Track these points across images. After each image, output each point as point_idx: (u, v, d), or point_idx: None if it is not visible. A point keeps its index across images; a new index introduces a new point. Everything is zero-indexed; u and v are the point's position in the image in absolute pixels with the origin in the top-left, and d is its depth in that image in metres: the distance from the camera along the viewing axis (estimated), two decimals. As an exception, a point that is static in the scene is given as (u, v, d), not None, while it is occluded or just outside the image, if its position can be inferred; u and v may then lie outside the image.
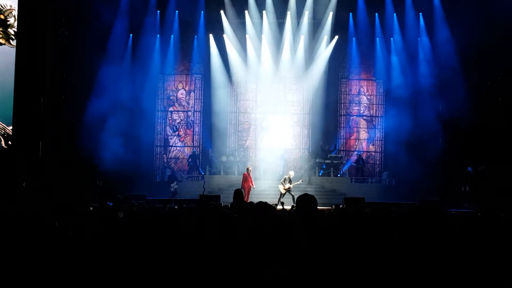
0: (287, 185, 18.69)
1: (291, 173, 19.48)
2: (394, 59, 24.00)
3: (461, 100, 20.41)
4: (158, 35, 23.98)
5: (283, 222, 4.05)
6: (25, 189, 15.43)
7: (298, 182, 19.14)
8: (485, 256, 3.80)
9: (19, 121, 18.10)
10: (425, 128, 22.21)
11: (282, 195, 18.57)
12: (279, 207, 12.06)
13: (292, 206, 12.67)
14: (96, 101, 21.09)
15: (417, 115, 22.97)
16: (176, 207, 10.54)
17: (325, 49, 24.04)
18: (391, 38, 24.11)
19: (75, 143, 20.04)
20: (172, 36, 24.12)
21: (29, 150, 18.16)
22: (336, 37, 23.91)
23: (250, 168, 19.41)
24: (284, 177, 19.24)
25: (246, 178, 18.89)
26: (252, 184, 18.86)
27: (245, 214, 6.03)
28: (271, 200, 16.39)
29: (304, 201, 4.42)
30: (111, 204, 13.86)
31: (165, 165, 24.67)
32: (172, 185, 21.06)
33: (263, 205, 5.11)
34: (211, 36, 23.99)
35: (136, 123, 22.93)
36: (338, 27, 23.88)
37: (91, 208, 12.96)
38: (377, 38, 24.26)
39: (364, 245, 3.90)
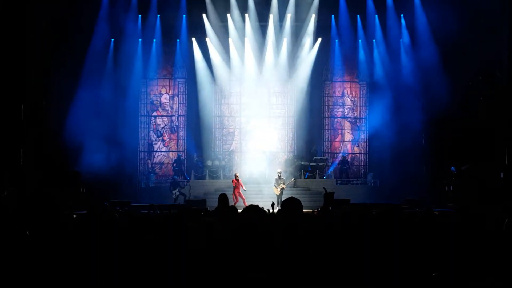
0: (281, 186, 18.79)
1: (279, 171, 19.59)
2: (377, 60, 24.13)
3: (443, 100, 20.60)
4: (140, 40, 23.81)
5: (262, 227, 4.02)
6: (6, 197, 15.18)
7: (291, 181, 19.32)
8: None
9: (0, 129, 17.85)
10: (409, 129, 22.37)
11: (278, 196, 18.59)
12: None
13: (272, 204, 12.58)
14: (78, 107, 20.89)
15: (401, 116, 23.13)
16: (158, 212, 10.43)
17: (308, 51, 24.09)
18: (373, 40, 24.23)
19: (57, 150, 19.81)
20: (154, 40, 23.98)
21: (10, 158, 17.92)
22: (319, 39, 23.97)
23: (237, 174, 19.36)
24: (275, 178, 19.34)
25: (235, 184, 18.82)
26: (242, 187, 18.81)
27: (226, 219, 5.98)
28: (263, 203, 16.31)
29: (290, 205, 4.38)
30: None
31: (150, 170, 24.47)
32: (174, 191, 20.81)
33: (252, 208, 5.03)
34: (193, 40, 23.90)
35: (119, 128, 22.73)
36: (321, 29, 23.95)
37: (74, 216, 12.80)
38: (360, 40, 24.38)
39: (345, 247, 3.88)
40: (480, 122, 19.03)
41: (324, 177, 23.00)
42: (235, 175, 19.25)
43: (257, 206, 5.15)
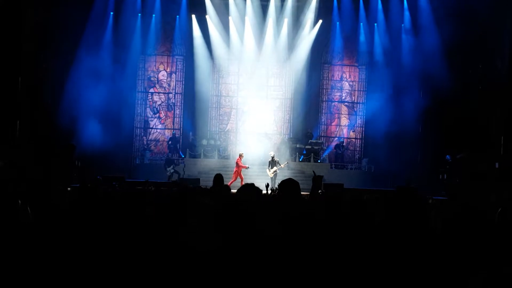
0: (274, 168, 18.81)
1: (272, 153, 19.57)
2: (377, 45, 23.99)
3: (442, 88, 20.55)
4: (140, 14, 23.56)
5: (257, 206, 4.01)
6: (1, 170, 15.14)
7: (284, 165, 19.28)
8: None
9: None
10: (406, 116, 22.35)
11: (271, 179, 18.62)
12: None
13: (266, 185, 12.60)
14: (75, 81, 20.76)
15: (398, 103, 23.09)
16: (152, 189, 10.42)
17: (309, 33, 23.91)
18: (375, 23, 24.06)
19: (53, 124, 19.73)
20: (153, 15, 23.72)
21: (6, 132, 17.85)
22: (320, 21, 23.78)
23: (242, 154, 19.31)
24: (268, 160, 19.33)
25: (238, 164, 18.84)
26: (243, 167, 18.89)
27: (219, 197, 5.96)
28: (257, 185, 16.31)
29: (288, 186, 4.35)
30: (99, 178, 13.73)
31: (145, 147, 24.42)
32: (168, 168, 20.80)
33: (248, 186, 4.99)
34: (193, 17, 23.67)
35: (115, 104, 22.59)
36: (322, 11, 23.76)
37: (69, 188, 12.79)
38: (361, 23, 24.19)
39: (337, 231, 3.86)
40: (478, 111, 19.01)
41: (319, 161, 23.02)
42: (240, 155, 19.20)
43: (253, 184, 5.11)
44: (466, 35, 19.39)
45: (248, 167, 19.32)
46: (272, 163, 19.15)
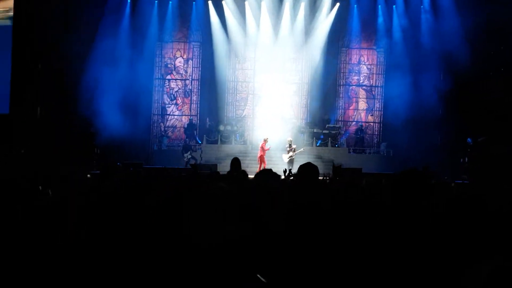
0: (290, 154, 18.84)
1: (289, 139, 19.60)
2: (396, 27, 23.64)
3: (463, 71, 20.21)
4: (156, 1, 23.54)
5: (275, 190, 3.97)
6: (24, 156, 15.38)
7: (301, 150, 19.31)
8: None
9: (17, 87, 17.94)
10: (425, 99, 22.03)
11: (288, 164, 18.69)
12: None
13: (284, 171, 12.65)
14: (93, 68, 20.86)
15: (418, 85, 22.75)
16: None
17: (326, 17, 23.64)
18: (393, 6, 23.69)
19: (73, 110, 19.91)
20: (170, 2, 23.67)
21: (27, 116, 18.07)
22: (338, 4, 23.49)
23: (267, 138, 19.45)
24: (285, 146, 19.38)
25: (262, 148, 19.01)
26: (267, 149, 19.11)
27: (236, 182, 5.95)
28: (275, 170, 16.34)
29: (306, 171, 4.31)
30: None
31: (162, 133, 24.52)
32: (185, 154, 20.91)
33: (266, 172, 4.96)
34: (210, 3, 23.56)
35: (133, 91, 22.71)
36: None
37: (88, 175, 12.91)
38: (379, 6, 23.84)
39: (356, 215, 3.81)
40: (500, 94, 18.68)
41: (336, 145, 22.88)
42: (265, 139, 19.33)
43: (271, 170, 5.09)
44: (487, 17, 19.00)
45: (270, 148, 19.36)
46: (289, 148, 19.17)
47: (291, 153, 18.99)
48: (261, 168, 17.76)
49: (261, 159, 18.84)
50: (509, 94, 18.18)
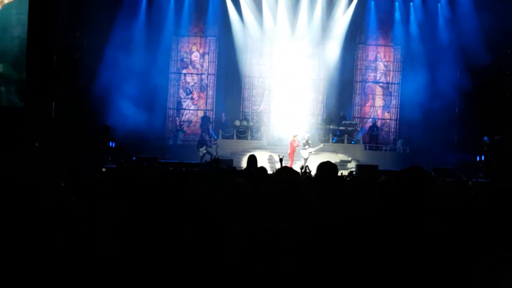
0: (309, 150, 18.92)
1: (306, 136, 19.64)
2: (413, 24, 23.45)
3: (480, 68, 19.99)
4: (173, -5, 23.60)
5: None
6: (38, 149, 15.47)
7: (320, 146, 19.37)
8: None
9: (32, 81, 18.05)
10: (442, 96, 21.88)
11: (305, 160, 18.73)
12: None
13: (301, 168, 12.62)
14: (109, 62, 20.94)
15: (435, 83, 22.60)
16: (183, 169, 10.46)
17: (343, 13, 23.53)
18: (411, 3, 23.52)
19: (88, 104, 20.00)
20: (186, -4, 23.71)
21: (42, 111, 18.18)
22: (355, 1, 23.35)
23: (296, 135, 19.75)
24: (302, 142, 19.41)
25: (292, 145, 19.24)
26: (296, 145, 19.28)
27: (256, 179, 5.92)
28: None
29: (326, 169, 4.27)
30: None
31: (178, 128, 24.56)
32: (201, 149, 20.93)
33: (285, 169, 4.95)
34: (227, -4, 23.56)
35: (149, 85, 22.80)
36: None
37: (103, 169, 13.00)
38: (396, 3, 23.67)
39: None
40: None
41: (352, 142, 22.78)
42: (294, 136, 19.59)
43: (291, 168, 5.08)
44: (505, 14, 18.75)
45: (299, 144, 19.57)
46: (306, 144, 19.22)
47: (310, 149, 19.06)
48: (291, 164, 17.94)
49: (291, 155, 19.02)
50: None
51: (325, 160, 4.93)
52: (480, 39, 20.26)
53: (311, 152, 19.10)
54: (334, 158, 20.81)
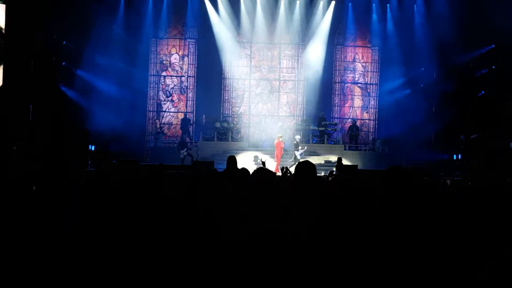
0: (300, 151, 19.18)
1: (297, 137, 19.90)
2: (390, 25, 23.75)
3: (456, 68, 20.35)
4: (151, -2, 23.52)
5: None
6: (16, 153, 15.28)
7: (304, 149, 19.62)
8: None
9: (9, 83, 17.81)
10: (420, 96, 22.21)
11: (298, 161, 18.87)
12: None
13: (282, 168, 12.76)
14: (88, 64, 20.79)
15: (412, 83, 22.96)
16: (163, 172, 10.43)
17: (321, 15, 23.74)
18: (387, 4, 23.82)
19: (67, 107, 19.81)
20: (165, -1, 23.67)
21: (19, 114, 17.95)
22: (333, 2, 23.55)
23: (281, 136, 19.86)
24: (293, 143, 19.65)
25: (279, 146, 19.36)
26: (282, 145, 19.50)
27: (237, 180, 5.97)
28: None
29: (305, 169, 4.32)
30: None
31: (158, 130, 24.48)
32: (182, 151, 20.85)
33: (261, 170, 5.00)
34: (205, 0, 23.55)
35: (128, 87, 22.70)
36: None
37: (83, 174, 12.89)
38: (373, 4, 23.95)
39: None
40: (491, 90, 18.78)
41: (332, 142, 22.95)
42: (279, 137, 19.67)
43: (267, 169, 5.13)
44: (481, 13, 19.07)
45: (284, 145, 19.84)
46: (299, 145, 19.54)
47: (301, 150, 19.39)
48: (279, 165, 18.06)
49: (278, 156, 19.13)
50: (501, 92, 18.24)
51: (318, 161, 5.01)
52: (456, 39, 20.58)
53: (302, 154, 19.35)
54: (324, 159, 21.09)
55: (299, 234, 3.45)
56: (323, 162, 20.59)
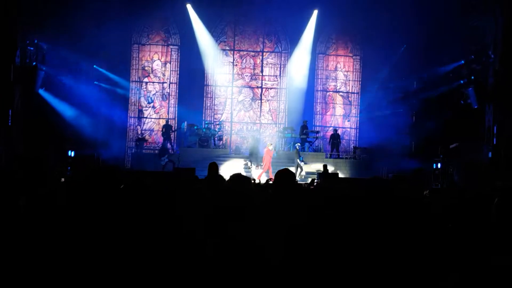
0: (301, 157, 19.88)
1: (298, 145, 20.47)
2: (372, 34, 23.90)
3: (436, 78, 20.63)
4: (134, 4, 23.37)
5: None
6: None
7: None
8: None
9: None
10: (400, 105, 22.45)
11: (301, 169, 19.76)
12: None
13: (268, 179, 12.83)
14: (68, 69, 20.62)
15: (393, 92, 23.21)
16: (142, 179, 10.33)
17: (304, 23, 23.91)
18: (370, 14, 23.91)
19: (46, 113, 19.61)
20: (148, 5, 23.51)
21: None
22: (316, 11, 23.72)
23: (270, 143, 20.10)
24: (295, 151, 20.16)
25: (268, 153, 19.50)
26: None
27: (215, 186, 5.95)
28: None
29: (283, 177, 4.33)
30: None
31: (139, 136, 24.29)
32: (163, 158, 20.71)
33: (237, 176, 4.98)
34: (188, 6, 23.52)
35: (109, 93, 22.55)
36: (318, 2, 23.62)
37: (62, 179, 12.74)
38: (356, 14, 24.05)
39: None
40: (472, 100, 19.02)
41: (312, 150, 23.04)
42: (268, 145, 19.83)
43: (243, 176, 5.11)
44: (455, 28, 19.41)
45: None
46: (297, 154, 19.86)
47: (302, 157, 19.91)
48: (271, 173, 18.13)
49: (269, 164, 19.21)
50: (479, 102, 18.49)
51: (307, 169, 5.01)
52: (437, 49, 20.86)
53: (301, 158, 19.72)
54: (314, 167, 21.20)
55: (274, 243, 3.44)
56: (315, 170, 20.69)
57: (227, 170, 18.44)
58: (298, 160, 19.75)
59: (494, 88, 17.70)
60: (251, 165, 20.16)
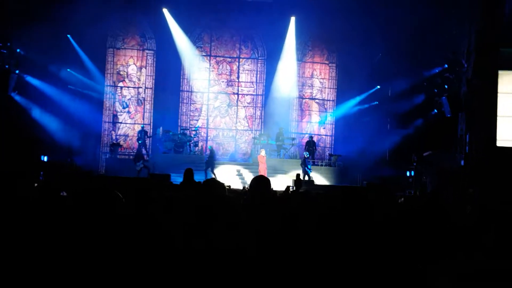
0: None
1: (306, 154, 20.87)
2: (348, 43, 24.10)
3: (410, 87, 20.94)
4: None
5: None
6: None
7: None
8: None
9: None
10: (375, 113, 22.68)
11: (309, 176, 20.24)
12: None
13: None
14: (41, 73, 20.31)
15: (368, 100, 23.46)
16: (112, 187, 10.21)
17: (281, 30, 23.98)
18: (346, 22, 24.14)
19: (18, 117, 19.27)
20: (124, 9, 23.32)
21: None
22: (293, 18, 23.83)
23: (263, 150, 20.40)
24: (303, 158, 20.65)
25: (262, 159, 19.65)
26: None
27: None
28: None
29: (258, 183, 4.31)
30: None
31: (113, 141, 24.00)
32: (138, 164, 20.44)
33: (211, 182, 4.95)
34: (165, 11, 23.40)
35: (83, 97, 22.28)
36: (295, 9, 23.75)
37: (35, 184, 12.50)
38: (333, 22, 24.25)
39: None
40: (443, 111, 19.31)
41: (289, 157, 23.10)
42: (261, 151, 20.06)
43: (219, 181, 5.08)
44: (436, 37, 19.70)
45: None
46: (304, 161, 20.50)
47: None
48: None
49: (264, 170, 19.20)
50: (452, 111, 18.75)
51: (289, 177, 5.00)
52: (411, 58, 21.14)
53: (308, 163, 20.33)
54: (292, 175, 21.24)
55: (248, 250, 3.42)
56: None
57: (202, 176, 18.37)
58: (306, 168, 20.14)
59: (466, 97, 17.97)
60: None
